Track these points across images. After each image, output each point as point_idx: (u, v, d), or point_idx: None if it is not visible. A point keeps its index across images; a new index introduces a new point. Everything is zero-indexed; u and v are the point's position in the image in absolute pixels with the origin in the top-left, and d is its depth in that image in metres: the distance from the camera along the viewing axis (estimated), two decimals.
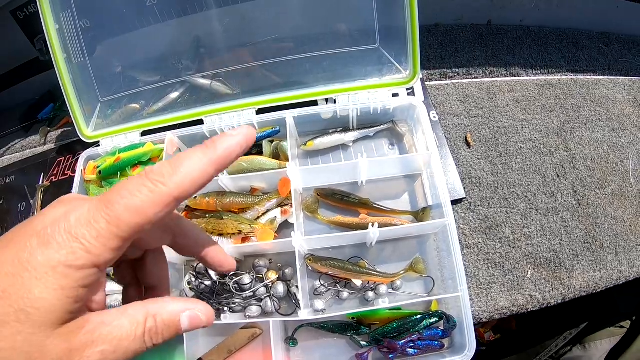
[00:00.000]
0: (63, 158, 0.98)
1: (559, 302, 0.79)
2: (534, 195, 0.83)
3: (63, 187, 0.95)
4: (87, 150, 0.87)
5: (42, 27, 0.82)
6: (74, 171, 0.95)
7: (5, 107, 1.08)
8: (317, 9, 0.76)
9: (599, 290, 0.82)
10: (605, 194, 0.86)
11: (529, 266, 0.79)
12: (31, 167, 1.00)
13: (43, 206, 0.96)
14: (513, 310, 0.77)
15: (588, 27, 1.01)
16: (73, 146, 1.01)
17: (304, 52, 0.77)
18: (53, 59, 0.84)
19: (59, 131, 1.03)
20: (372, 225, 0.65)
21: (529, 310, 0.79)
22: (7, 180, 1.01)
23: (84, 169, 0.86)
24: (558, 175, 0.85)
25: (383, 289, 0.70)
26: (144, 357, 0.28)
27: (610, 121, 0.92)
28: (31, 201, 0.96)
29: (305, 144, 0.77)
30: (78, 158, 0.93)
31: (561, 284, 0.79)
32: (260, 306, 0.70)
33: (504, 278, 0.78)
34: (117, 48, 0.86)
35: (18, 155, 1.03)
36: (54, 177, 0.97)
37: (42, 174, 0.98)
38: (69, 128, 1.04)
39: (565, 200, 0.84)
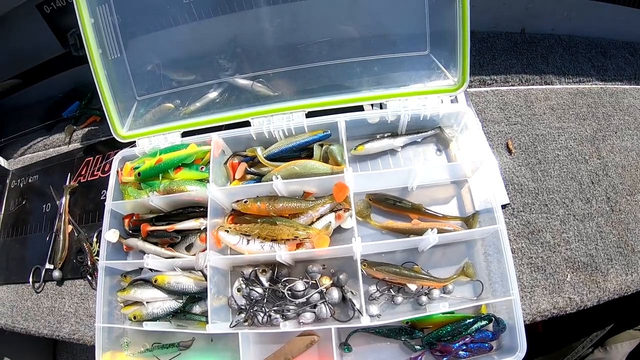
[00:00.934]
0: (92, 158, 0.95)
1: (595, 304, 0.82)
2: (571, 201, 0.86)
3: (92, 188, 0.92)
4: (122, 150, 0.84)
5: (77, 20, 0.79)
6: (104, 172, 0.92)
7: (26, 105, 1.03)
8: (370, 14, 0.76)
9: (630, 293, 0.85)
10: (636, 201, 0.90)
11: (568, 270, 0.82)
12: (56, 167, 0.96)
13: (70, 208, 0.92)
14: (553, 313, 0.80)
15: (614, 37, 1.04)
16: (99, 147, 0.98)
17: (355, 56, 0.77)
18: (87, 54, 0.81)
19: (85, 130, 0.99)
20: (431, 230, 0.66)
21: (567, 312, 0.81)
22: (29, 180, 0.97)
23: (120, 170, 0.83)
24: (592, 182, 0.88)
25: (436, 293, 0.71)
26: None
27: (638, 130, 0.96)
28: (57, 202, 0.93)
29: (355, 149, 0.77)
30: (108, 159, 0.90)
31: (597, 286, 0.82)
32: (314, 312, 0.70)
33: (545, 281, 0.80)
34: (156, 45, 0.84)
35: (41, 154, 0.98)
36: (81, 178, 0.94)
37: (69, 174, 0.95)
38: (96, 127, 1.00)
39: (599, 207, 0.87)
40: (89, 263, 0.87)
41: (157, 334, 0.78)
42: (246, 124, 0.79)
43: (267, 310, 0.69)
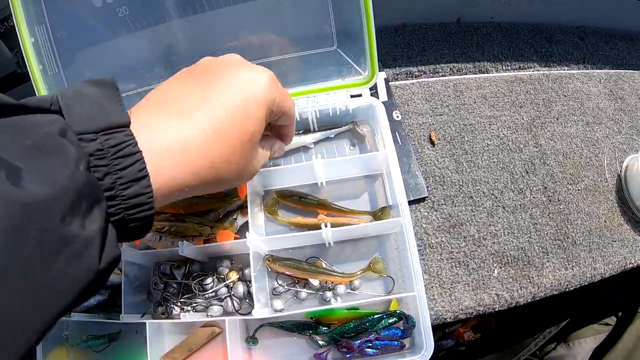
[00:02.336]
0: None
1: (529, 300, 0.78)
2: (501, 192, 0.83)
3: None
4: None
5: (19, 41, 0.87)
6: None
7: None
8: (274, 15, 0.78)
9: (572, 288, 0.80)
10: (578, 189, 0.85)
11: (495, 265, 0.79)
12: None
13: None
14: (479, 310, 0.77)
15: (562, 22, 0.99)
16: None
17: (263, 57, 0.79)
18: (29, 71, 0.88)
19: None
20: (325, 225, 0.67)
21: (496, 309, 0.78)
22: None
23: None
24: (527, 172, 0.85)
25: (341, 289, 0.71)
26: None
27: (584, 115, 0.91)
28: None
29: None
30: None
31: (530, 282, 0.78)
32: (222, 306, 0.72)
33: (468, 277, 0.78)
34: (91, 59, 0.90)
35: None
36: None
37: None
38: None
39: (534, 197, 0.83)
40: None
41: (92, 327, 0.84)
42: None
43: (175, 302, 0.72)
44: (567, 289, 0.81)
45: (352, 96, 0.79)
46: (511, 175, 0.84)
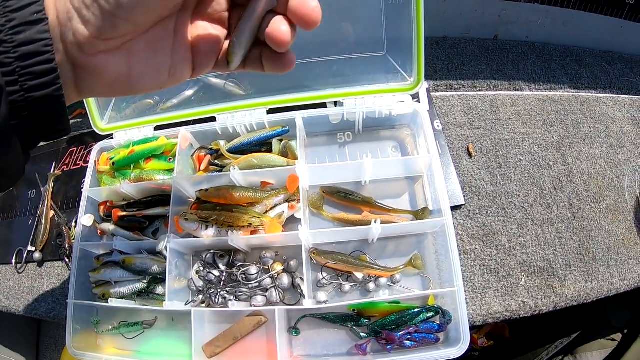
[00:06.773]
0: (75, 148, 1.10)
1: (551, 309, 0.90)
2: (531, 206, 0.94)
3: (74, 176, 1.07)
4: (101, 142, 0.98)
5: None
6: (85, 162, 1.06)
7: None
8: (329, 17, 0.88)
9: (589, 301, 0.92)
10: (600, 208, 0.97)
11: (523, 274, 0.90)
12: (43, 156, 1.12)
13: (54, 194, 1.07)
14: (506, 315, 0.88)
15: (592, 46, 1.13)
16: (84, 138, 1.13)
17: (315, 57, 0.88)
18: None
19: (70, 122, 1.14)
20: (375, 222, 0.76)
21: (521, 316, 0.89)
22: None
23: (98, 160, 0.97)
24: (555, 188, 0.97)
25: (383, 282, 0.81)
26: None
27: (608, 138, 1.04)
28: (42, 189, 1.07)
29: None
30: (90, 149, 1.04)
31: (553, 292, 0.90)
32: (266, 296, 0.81)
33: (498, 284, 0.88)
34: None
35: None
36: (65, 167, 1.09)
37: (54, 163, 1.10)
38: (80, 119, 1.16)
39: (560, 213, 0.95)
40: (67, 246, 1.00)
41: (124, 313, 0.91)
42: (214, 119, 0.92)
43: (219, 291, 0.80)
44: (586, 301, 0.92)
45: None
46: (540, 190, 0.96)
